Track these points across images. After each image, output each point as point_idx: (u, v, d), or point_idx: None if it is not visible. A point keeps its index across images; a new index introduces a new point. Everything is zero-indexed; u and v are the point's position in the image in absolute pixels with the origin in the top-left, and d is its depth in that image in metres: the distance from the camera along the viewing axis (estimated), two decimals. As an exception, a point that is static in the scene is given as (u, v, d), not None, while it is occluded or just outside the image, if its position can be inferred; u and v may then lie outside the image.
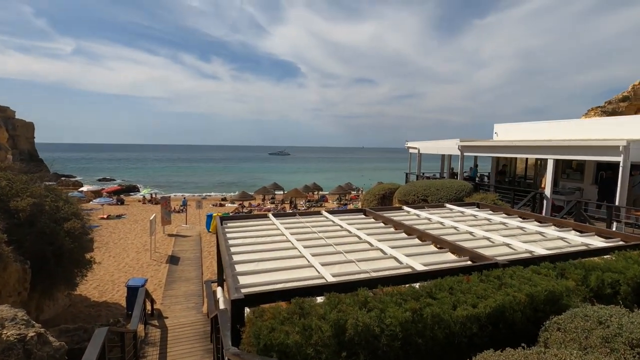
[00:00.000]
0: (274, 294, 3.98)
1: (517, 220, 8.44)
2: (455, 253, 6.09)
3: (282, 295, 3.98)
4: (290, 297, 3.94)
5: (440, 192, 12.83)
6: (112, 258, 15.22)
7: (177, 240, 18.34)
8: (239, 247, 6.25)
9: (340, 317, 3.40)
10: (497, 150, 14.40)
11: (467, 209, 10.15)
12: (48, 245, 7.17)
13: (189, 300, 10.77)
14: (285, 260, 5.68)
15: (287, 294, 3.98)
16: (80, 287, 11.08)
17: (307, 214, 8.98)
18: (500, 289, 4.20)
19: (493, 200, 11.69)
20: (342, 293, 3.95)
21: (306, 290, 4.08)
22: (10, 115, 60.65)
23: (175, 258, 15.25)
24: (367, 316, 3.45)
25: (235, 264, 5.30)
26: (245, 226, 7.77)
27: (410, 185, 14.36)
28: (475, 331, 3.79)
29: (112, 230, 21.03)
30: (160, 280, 12.63)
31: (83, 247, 7.98)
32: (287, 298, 3.97)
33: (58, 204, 7.86)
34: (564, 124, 13.74)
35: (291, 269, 5.29)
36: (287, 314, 3.49)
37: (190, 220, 24.74)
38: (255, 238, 6.86)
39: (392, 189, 16.78)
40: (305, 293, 3.97)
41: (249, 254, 5.89)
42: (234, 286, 4.21)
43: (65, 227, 7.42)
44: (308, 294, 3.97)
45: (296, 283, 4.72)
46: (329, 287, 4.10)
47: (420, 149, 19.52)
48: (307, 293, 3.98)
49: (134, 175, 71.05)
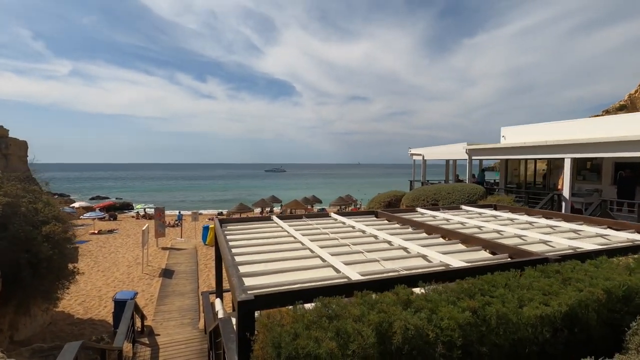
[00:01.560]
0: (292, 294, 3.17)
1: (543, 219, 7.71)
2: (489, 251, 5.34)
3: (302, 295, 3.18)
4: (312, 297, 3.15)
5: (452, 196, 12.12)
6: (101, 272, 14.18)
7: (171, 253, 17.33)
8: (242, 248, 5.45)
9: (383, 319, 2.61)
10: (508, 153, 13.80)
11: (484, 210, 9.44)
12: (23, 253, 6.30)
13: (183, 316, 9.79)
14: (297, 261, 4.88)
15: (308, 294, 3.18)
16: (63, 302, 10.08)
17: (314, 217, 8.20)
18: (569, 284, 3.43)
19: (509, 202, 10.99)
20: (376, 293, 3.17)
21: (331, 289, 3.29)
22: (3, 133, 60.02)
23: (169, 271, 14.25)
24: (416, 318, 2.65)
25: (239, 265, 4.48)
26: (247, 228, 6.97)
27: (419, 190, 13.65)
28: (547, 337, 2.99)
29: (102, 244, 19.97)
30: (152, 294, 11.62)
31: (65, 255, 7.09)
32: (309, 299, 3.17)
33: (37, 205, 7.01)
34: (577, 123, 13.22)
35: (305, 269, 4.49)
36: (312, 316, 2.68)
37: (185, 234, 23.72)
38: (260, 239, 6.06)
39: (398, 196, 16.07)
40: (330, 293, 3.17)
41: (255, 255, 5.08)
42: (240, 287, 3.39)
43: (43, 231, 6.56)
44: (334, 293, 3.18)
45: (316, 283, 3.92)
46: (359, 285, 3.31)
47: (425, 155, 18.91)
48: (333, 293, 3.19)
49: (128, 193, 69.80)
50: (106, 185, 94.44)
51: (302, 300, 3.11)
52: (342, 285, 3.33)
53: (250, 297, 3.03)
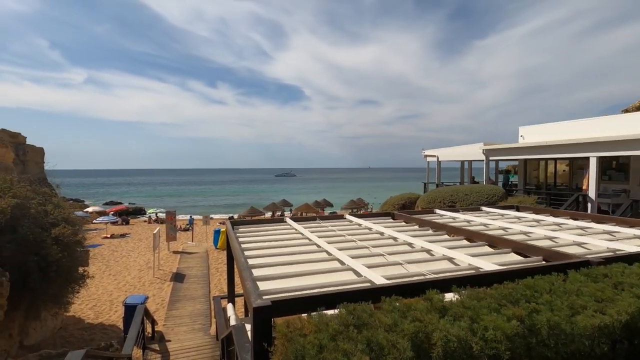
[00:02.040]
0: (313, 300, 2.88)
1: (571, 221, 7.25)
2: (519, 253, 4.96)
3: (324, 300, 2.88)
4: (336, 303, 2.85)
5: (470, 198, 11.67)
6: (112, 276, 14.09)
7: (182, 257, 17.19)
8: (255, 251, 5.18)
9: (419, 329, 2.29)
10: (528, 152, 13.28)
11: (507, 211, 8.99)
12: (32, 255, 6.16)
13: (194, 321, 9.56)
14: (313, 264, 4.58)
15: (331, 300, 2.88)
16: (74, 307, 9.96)
17: (328, 218, 7.90)
18: (623, 290, 3.06)
19: (532, 203, 10.49)
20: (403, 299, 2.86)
21: (356, 294, 2.98)
22: (21, 140, 61.64)
23: (180, 275, 14.08)
24: (457, 327, 2.33)
25: (253, 268, 4.21)
26: (260, 230, 6.70)
27: (435, 192, 13.22)
28: (605, 349, 2.63)
29: (114, 248, 19.97)
30: (164, 299, 11.43)
31: (75, 258, 6.93)
32: (332, 305, 2.87)
33: (46, 207, 6.88)
34: (600, 121, 12.63)
35: (322, 272, 4.19)
36: (337, 324, 2.38)
37: (196, 237, 23.64)
38: (274, 241, 5.78)
39: (412, 198, 15.65)
40: (354, 298, 2.87)
41: (269, 258, 4.80)
42: (255, 291, 3.11)
43: (52, 234, 6.41)
44: (358, 299, 2.87)
45: (337, 287, 3.61)
46: (386, 290, 3.00)
47: (440, 156, 18.43)
48: (357, 298, 2.88)
49: (141, 199, 70.50)
50: (120, 190, 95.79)
51: (324, 307, 2.81)
52: (368, 290, 3.02)
53: (267, 302, 2.75)
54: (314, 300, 2.87)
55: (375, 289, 3.02)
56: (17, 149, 59.85)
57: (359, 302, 2.83)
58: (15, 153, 57.50)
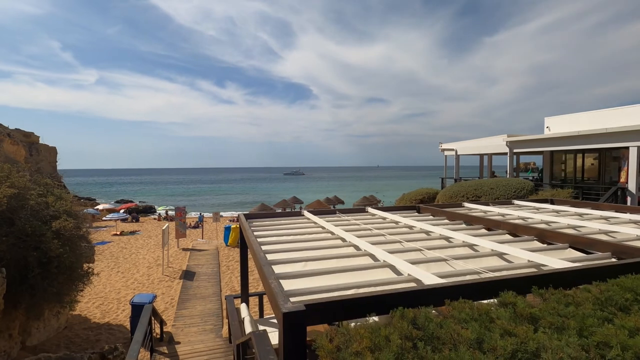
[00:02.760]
0: (359, 303, 2.28)
1: (621, 214, 6.48)
2: (578, 249, 4.28)
3: (373, 303, 2.28)
4: (387, 308, 2.24)
5: (495, 192, 10.93)
6: (121, 274, 13.70)
7: (192, 254, 16.76)
8: (274, 245, 4.59)
9: (518, 347, 1.66)
10: (556, 144, 12.44)
11: (542, 204, 8.24)
12: (32, 250, 5.70)
13: (205, 321, 9.05)
14: (342, 260, 3.98)
15: (381, 303, 2.28)
16: (80, 305, 9.55)
17: (349, 212, 7.28)
18: None
19: (566, 196, 9.71)
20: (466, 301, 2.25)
21: (411, 296, 2.37)
22: (35, 140, 62.58)
23: (190, 273, 13.63)
24: (564, 343, 1.69)
25: (273, 264, 3.61)
26: (277, 224, 6.12)
27: (457, 186, 12.49)
28: None
29: (123, 245, 19.66)
30: (173, 297, 10.96)
31: (78, 254, 6.46)
32: (382, 310, 2.27)
33: (47, 199, 6.41)
34: (636, 109, 11.72)
35: (355, 270, 3.58)
36: (400, 338, 1.77)
37: (206, 235, 23.26)
38: (294, 235, 5.19)
39: (431, 194, 14.92)
40: (409, 301, 2.26)
41: (290, 253, 4.21)
42: (282, 293, 2.51)
43: (53, 227, 5.93)
44: (415, 302, 2.26)
45: (375, 288, 3.00)
46: (448, 292, 2.38)
47: (458, 150, 17.63)
48: (413, 301, 2.27)
49: (152, 197, 70.75)
50: (131, 189, 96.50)
51: (373, 312, 2.21)
52: (426, 291, 2.39)
53: (300, 307, 2.15)
54: (359, 304, 2.26)
55: (434, 289, 2.40)
56: (30, 148, 60.66)
57: (416, 306, 2.21)
58: (28, 152, 58.17)
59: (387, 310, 2.27)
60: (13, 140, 41.02)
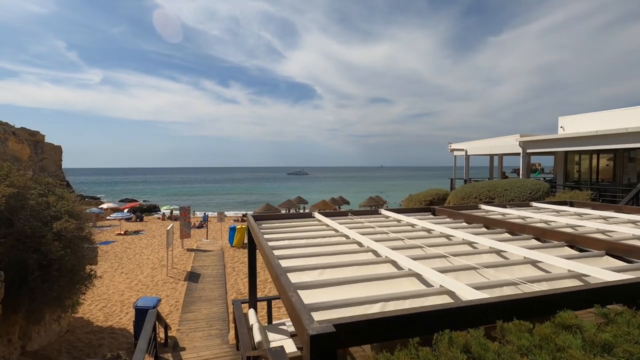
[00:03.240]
0: (396, 323, 1.98)
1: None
2: (616, 256, 3.96)
3: (415, 323, 1.98)
4: (430, 328, 1.95)
5: (510, 193, 10.58)
6: (124, 275, 13.48)
7: (197, 255, 16.53)
8: (286, 250, 4.30)
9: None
10: (572, 144, 12.07)
11: (562, 207, 7.89)
12: (31, 252, 5.46)
13: (211, 326, 8.79)
14: (362, 268, 3.69)
15: (422, 323, 1.99)
16: (83, 308, 9.32)
17: (361, 214, 6.98)
18: None
19: (585, 198, 9.35)
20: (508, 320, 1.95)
21: (455, 314, 2.07)
22: (40, 139, 63.03)
23: (195, 275, 13.39)
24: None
25: (289, 272, 3.32)
26: (288, 226, 5.83)
27: (469, 187, 12.15)
28: None
29: (127, 245, 19.48)
30: (178, 300, 10.71)
31: (80, 256, 6.22)
32: (422, 331, 1.97)
33: (48, 198, 6.17)
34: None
35: (377, 279, 3.30)
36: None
37: (211, 235, 23.03)
38: (306, 239, 4.90)
39: (441, 194, 14.57)
40: (454, 320, 1.97)
41: (305, 259, 3.93)
42: (306, 311, 2.21)
43: (54, 228, 5.69)
44: (460, 321, 1.96)
45: (404, 302, 2.70)
46: (499, 309, 2.08)
47: (468, 150, 17.27)
48: (458, 320, 1.98)
49: (157, 197, 70.73)
50: (135, 188, 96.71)
51: (414, 333, 1.91)
52: (468, 308, 2.09)
53: (329, 328, 1.86)
54: (396, 323, 1.96)
55: (480, 306, 2.09)
56: (35, 147, 61.06)
57: (460, 326, 1.92)
58: (33, 151, 58.51)
59: (428, 330, 1.97)
60: (18, 139, 41.09)
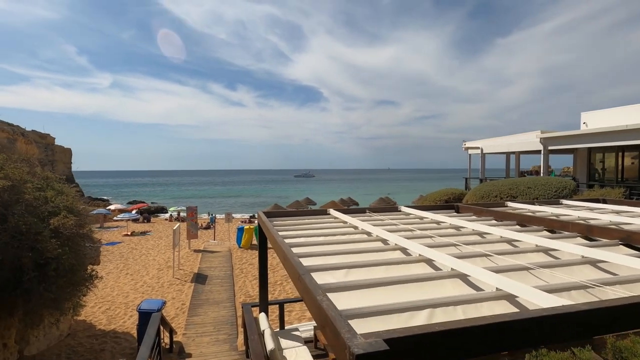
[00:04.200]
0: (471, 335, 1.48)
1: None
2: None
3: (492, 336, 1.48)
4: (511, 342, 1.44)
5: (534, 191, 9.97)
6: (130, 276, 13.11)
7: (204, 256, 16.12)
8: (304, 248, 3.83)
9: None
10: (599, 139, 11.41)
11: (596, 204, 7.30)
12: (27, 251, 5.08)
13: (219, 330, 8.33)
14: (394, 268, 3.20)
15: (502, 334, 1.49)
16: (86, 310, 8.94)
17: (380, 211, 6.48)
18: None
19: (617, 196, 8.73)
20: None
21: (544, 323, 1.56)
22: (51, 141, 63.94)
23: (202, 276, 12.96)
24: None
25: (312, 271, 2.84)
26: (301, 223, 5.36)
27: (488, 186, 11.56)
28: None
29: (134, 246, 19.17)
30: (184, 302, 10.28)
31: (80, 255, 5.83)
32: (505, 344, 1.47)
33: (46, 193, 5.78)
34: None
35: (413, 281, 2.80)
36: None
37: (218, 236, 22.65)
38: (324, 237, 4.42)
39: (457, 194, 13.99)
40: (544, 331, 1.47)
41: (325, 258, 3.45)
42: (341, 318, 1.73)
43: (51, 224, 5.29)
44: (550, 334, 1.46)
45: (456, 308, 2.21)
46: (597, 317, 1.57)
47: (484, 148, 16.64)
48: (550, 331, 1.47)
49: (165, 199, 70.85)
50: (144, 190, 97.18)
51: (495, 349, 1.42)
52: (560, 317, 1.58)
53: (379, 345, 1.37)
54: (466, 336, 1.47)
55: (575, 314, 1.58)
56: (46, 149, 61.85)
57: (551, 338, 1.42)
58: (43, 152, 59.18)
59: (508, 345, 1.48)
60: (27, 140, 41.32)
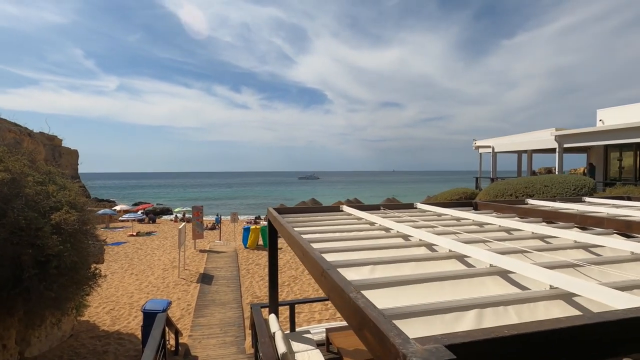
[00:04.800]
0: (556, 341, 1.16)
1: None
2: None
3: (577, 341, 1.17)
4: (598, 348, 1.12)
5: (551, 190, 9.60)
6: (134, 276, 12.92)
7: (210, 256, 15.89)
8: (320, 244, 3.54)
9: None
10: (618, 136, 11.01)
11: (620, 201, 6.94)
12: (27, 247, 4.85)
13: (225, 332, 8.07)
14: (424, 264, 2.90)
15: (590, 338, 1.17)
16: (90, 310, 8.73)
17: (395, 207, 6.16)
18: None
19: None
20: None
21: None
22: (57, 143, 64.56)
23: (207, 277, 12.72)
24: None
25: (338, 267, 2.55)
26: (315, 219, 5.07)
27: (502, 184, 11.22)
28: None
29: (139, 246, 19.01)
30: (189, 303, 10.04)
31: (83, 252, 5.60)
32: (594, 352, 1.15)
33: (48, 187, 5.57)
34: None
35: (449, 278, 2.50)
36: None
37: (224, 236, 22.45)
38: (340, 233, 4.13)
39: (468, 193, 13.63)
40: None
41: (345, 254, 3.16)
42: (385, 321, 1.44)
43: (52, 220, 5.07)
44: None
45: (507, 308, 1.91)
46: None
47: (495, 146, 16.26)
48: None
49: (171, 201, 70.97)
50: (150, 192, 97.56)
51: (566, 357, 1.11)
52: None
53: (444, 354, 1.08)
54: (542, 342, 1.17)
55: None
56: (53, 151, 62.36)
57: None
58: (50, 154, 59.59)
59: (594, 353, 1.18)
60: (33, 140, 41.55)
